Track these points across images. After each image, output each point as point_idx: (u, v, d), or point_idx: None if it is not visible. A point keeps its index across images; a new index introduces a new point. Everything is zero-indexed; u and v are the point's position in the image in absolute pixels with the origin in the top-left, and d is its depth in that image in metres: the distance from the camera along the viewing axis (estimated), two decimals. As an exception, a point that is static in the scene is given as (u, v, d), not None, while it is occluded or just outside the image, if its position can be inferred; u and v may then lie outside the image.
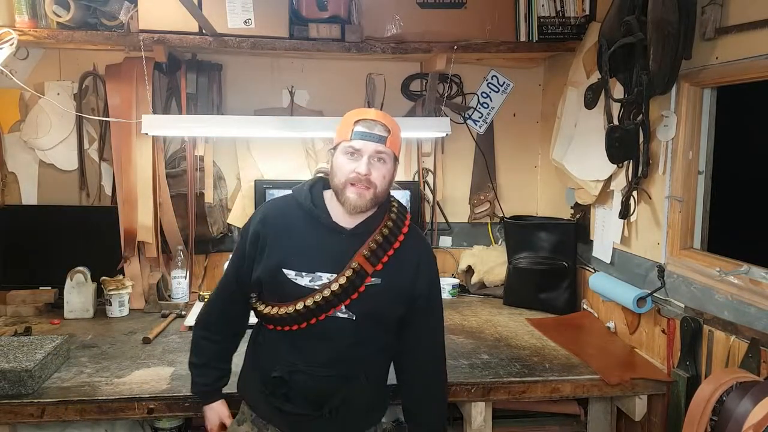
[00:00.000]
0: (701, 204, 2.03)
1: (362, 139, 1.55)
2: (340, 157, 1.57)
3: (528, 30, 2.64)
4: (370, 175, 1.54)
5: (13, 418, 1.78)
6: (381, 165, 1.57)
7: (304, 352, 1.59)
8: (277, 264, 1.58)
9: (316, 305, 1.54)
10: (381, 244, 1.58)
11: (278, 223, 1.62)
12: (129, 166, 2.66)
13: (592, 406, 2.29)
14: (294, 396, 1.59)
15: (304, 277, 1.57)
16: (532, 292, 2.77)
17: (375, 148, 1.55)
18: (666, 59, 1.90)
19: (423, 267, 1.66)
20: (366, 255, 1.56)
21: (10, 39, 2.23)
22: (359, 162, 1.54)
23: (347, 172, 1.54)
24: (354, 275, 1.55)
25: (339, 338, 1.59)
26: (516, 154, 3.16)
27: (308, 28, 2.52)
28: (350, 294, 1.56)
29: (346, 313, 1.57)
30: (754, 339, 1.68)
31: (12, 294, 2.63)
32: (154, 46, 2.45)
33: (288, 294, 1.57)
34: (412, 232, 1.66)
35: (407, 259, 1.63)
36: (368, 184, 1.54)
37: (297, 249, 1.59)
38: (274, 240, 1.60)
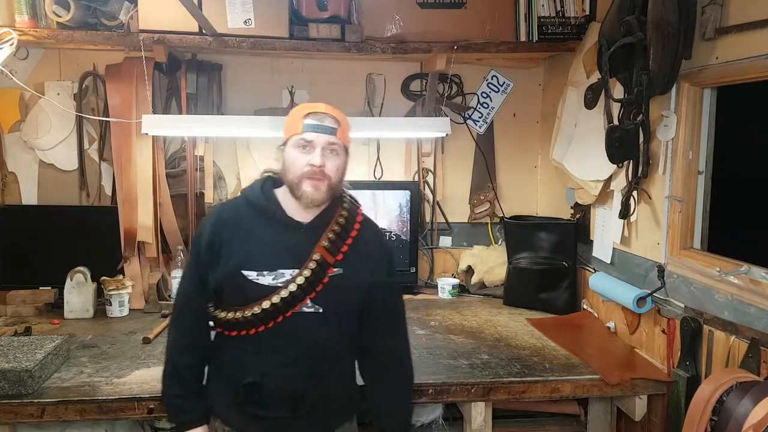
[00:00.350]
0: (701, 204, 2.03)
1: (314, 131, 1.54)
2: (292, 151, 1.57)
3: (528, 30, 2.64)
4: (325, 167, 1.54)
5: (13, 418, 1.78)
6: (334, 157, 1.57)
7: (274, 354, 1.57)
8: (236, 266, 1.55)
9: (282, 302, 1.53)
10: (339, 234, 1.59)
11: (232, 226, 1.60)
12: (129, 166, 2.66)
13: (592, 406, 2.29)
14: (269, 400, 1.56)
15: (266, 275, 1.55)
16: (532, 292, 2.77)
17: (327, 140, 1.55)
18: (666, 59, 1.90)
19: (380, 255, 1.68)
20: (326, 246, 1.57)
21: (10, 39, 2.23)
22: (312, 154, 1.54)
23: (302, 165, 1.54)
24: (317, 267, 1.55)
25: (308, 334, 1.57)
26: (516, 154, 3.16)
27: (308, 28, 2.52)
28: (315, 286, 1.55)
29: (312, 307, 1.56)
30: (754, 339, 1.68)
31: (12, 294, 2.63)
32: (154, 46, 2.45)
33: (251, 295, 1.54)
34: (366, 222, 1.68)
35: (364, 247, 1.64)
36: (323, 176, 1.54)
37: (255, 249, 1.57)
38: (229, 243, 1.57)
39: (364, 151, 3.06)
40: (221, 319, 1.60)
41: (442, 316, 2.63)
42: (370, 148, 3.07)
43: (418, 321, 2.56)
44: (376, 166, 3.07)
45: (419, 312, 2.69)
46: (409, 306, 2.76)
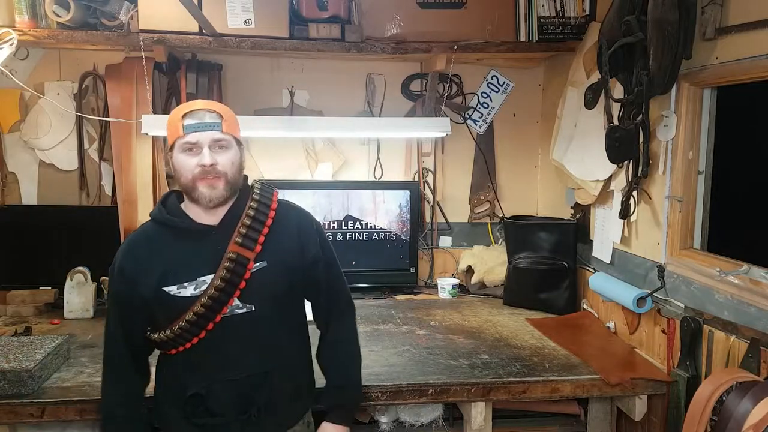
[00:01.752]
0: (701, 204, 2.03)
1: (196, 130, 1.50)
2: (179, 156, 1.52)
3: (528, 30, 2.63)
4: (217, 164, 1.50)
5: (13, 418, 1.78)
6: (224, 152, 1.52)
7: (215, 362, 1.54)
8: (156, 285, 1.51)
9: (204, 308, 1.49)
10: (251, 227, 1.53)
11: (142, 249, 1.56)
12: (129, 166, 2.66)
13: (592, 406, 2.29)
14: (216, 408, 1.53)
15: (188, 287, 1.51)
16: (532, 292, 2.77)
17: (212, 137, 1.50)
18: (666, 59, 1.90)
19: (306, 232, 1.63)
20: (239, 242, 1.51)
21: (10, 39, 2.23)
22: (200, 155, 1.49)
23: (191, 168, 1.49)
24: (232, 264, 1.50)
25: (246, 335, 1.54)
26: (516, 154, 3.16)
27: (308, 28, 2.52)
28: (236, 284, 1.50)
29: (243, 307, 1.53)
30: (754, 339, 1.68)
31: (12, 294, 2.63)
32: (154, 46, 2.45)
33: (176, 310, 1.51)
34: (282, 207, 1.62)
35: (285, 232, 1.59)
36: (217, 174, 1.50)
37: (171, 263, 1.52)
38: (143, 267, 1.53)
39: (364, 151, 3.07)
40: (156, 341, 1.56)
41: (442, 316, 2.63)
42: (370, 148, 3.07)
43: (418, 321, 2.56)
44: (376, 166, 3.07)
45: (419, 312, 2.69)
46: (409, 306, 2.79)
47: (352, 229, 2.95)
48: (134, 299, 1.53)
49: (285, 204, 1.66)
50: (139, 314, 1.56)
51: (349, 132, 2.86)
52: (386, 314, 2.65)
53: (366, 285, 2.96)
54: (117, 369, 1.60)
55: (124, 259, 1.56)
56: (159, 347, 1.60)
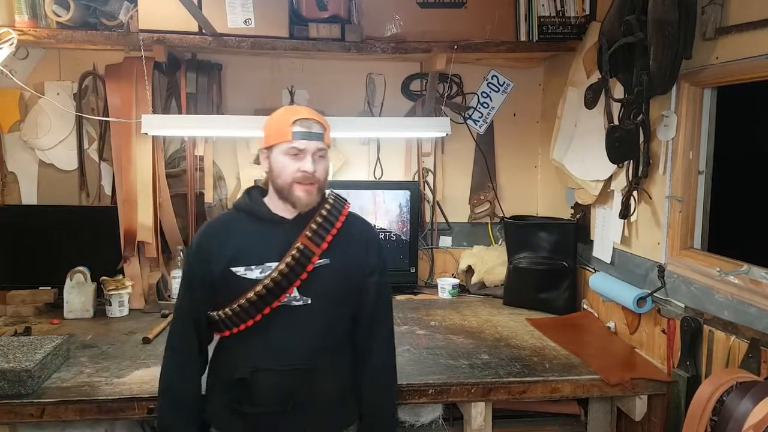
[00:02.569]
0: (701, 204, 2.03)
1: (303, 138, 1.58)
2: (281, 158, 1.59)
3: (528, 30, 2.63)
4: (316, 172, 1.60)
5: (13, 418, 1.78)
6: (322, 161, 1.62)
7: (265, 348, 1.59)
8: (225, 265, 1.60)
9: (265, 289, 1.56)
10: (321, 224, 1.63)
11: (220, 231, 1.66)
12: (129, 166, 2.66)
13: (592, 406, 2.29)
14: (258, 396, 1.57)
15: (254, 270, 1.59)
16: (532, 292, 2.77)
17: (317, 146, 1.60)
18: (666, 59, 1.90)
19: (371, 244, 1.72)
20: (308, 235, 1.60)
21: (10, 39, 2.24)
22: (303, 161, 1.58)
23: (292, 171, 1.58)
24: (299, 254, 1.58)
25: (298, 327, 1.59)
26: (516, 154, 3.16)
27: (308, 28, 2.52)
28: (299, 274, 1.58)
29: (300, 299, 1.59)
30: (754, 339, 1.68)
31: (12, 294, 2.63)
32: (153, 45, 2.45)
33: (239, 290, 1.58)
34: (353, 215, 1.72)
35: (354, 237, 1.69)
36: (314, 181, 1.60)
37: (242, 246, 1.62)
38: (218, 247, 1.62)
39: (364, 151, 3.06)
40: (214, 319, 1.62)
41: (442, 316, 2.63)
42: (370, 148, 3.07)
43: (418, 321, 2.56)
44: (376, 166, 3.07)
45: (419, 312, 2.69)
46: (409, 306, 2.79)
47: (352, 229, 2.94)
48: (205, 276, 1.62)
49: (355, 215, 1.75)
50: (207, 292, 1.64)
51: (349, 132, 2.86)
52: (386, 314, 2.65)
53: (366, 285, 2.96)
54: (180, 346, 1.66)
55: (201, 239, 1.67)
56: (216, 327, 1.66)
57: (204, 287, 1.64)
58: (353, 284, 1.67)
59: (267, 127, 1.65)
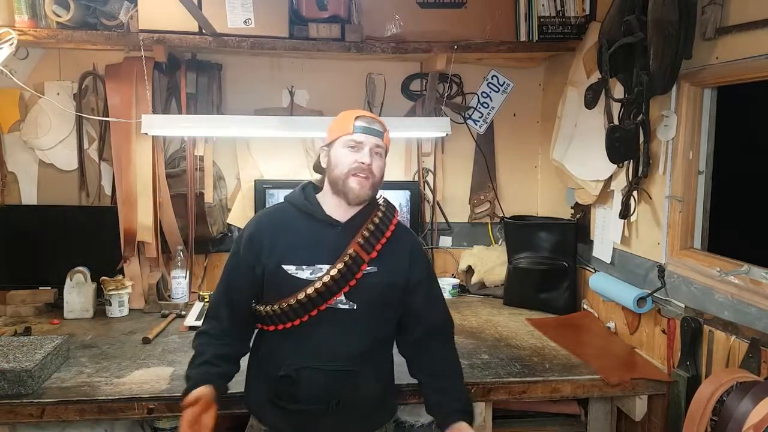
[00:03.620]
0: (701, 204, 2.03)
1: (364, 132, 1.62)
2: (340, 149, 1.63)
3: (528, 30, 2.63)
4: (372, 165, 1.62)
5: (13, 418, 1.78)
6: (379, 158, 1.65)
7: (310, 347, 1.60)
8: (277, 262, 1.61)
9: (316, 293, 1.57)
10: (373, 233, 1.64)
11: (273, 225, 1.67)
12: (129, 166, 2.66)
13: (593, 406, 2.29)
14: (302, 394, 1.59)
15: (305, 270, 1.60)
16: (532, 292, 2.77)
17: (375, 142, 1.63)
18: (666, 59, 1.90)
19: (416, 255, 1.73)
20: (360, 243, 1.61)
21: (10, 39, 2.23)
22: (361, 153, 1.61)
23: (350, 162, 1.60)
24: (351, 261, 1.59)
25: (342, 330, 1.61)
26: (516, 154, 3.16)
27: (308, 28, 2.52)
28: (348, 280, 1.59)
29: (346, 303, 1.60)
30: (755, 339, 1.68)
31: (12, 294, 2.63)
32: (153, 45, 2.45)
33: (289, 289, 1.59)
34: (401, 225, 1.74)
35: (400, 248, 1.69)
36: (369, 174, 1.61)
37: (295, 245, 1.63)
38: (270, 241, 1.63)
39: (364, 151, 3.06)
40: (260, 313, 1.64)
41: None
42: (370, 148, 3.06)
43: (418, 321, 2.56)
44: (376, 166, 3.07)
45: (419, 312, 2.69)
46: (409, 306, 2.78)
47: (352, 229, 2.94)
48: (256, 267, 1.63)
49: (402, 225, 1.77)
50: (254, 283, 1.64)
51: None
52: (386, 314, 2.65)
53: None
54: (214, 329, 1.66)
55: (255, 229, 1.67)
56: (260, 321, 1.66)
57: (252, 278, 1.64)
58: (396, 294, 1.68)
59: (331, 126, 1.69)
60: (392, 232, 1.68)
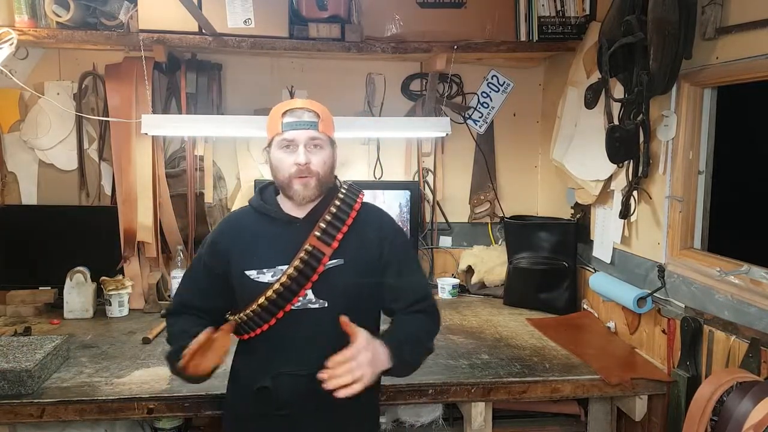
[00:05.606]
0: (701, 204, 2.03)
1: (293, 128, 1.54)
2: (276, 152, 1.57)
3: (528, 30, 2.64)
4: (311, 163, 1.55)
5: (13, 418, 1.78)
6: (318, 151, 1.57)
7: (284, 353, 1.56)
8: (240, 268, 1.58)
9: (275, 294, 1.52)
10: (331, 223, 1.57)
11: (236, 230, 1.64)
12: (129, 166, 2.66)
13: (592, 406, 2.29)
14: (280, 400, 1.55)
15: (266, 273, 1.56)
16: (532, 292, 2.77)
17: (308, 136, 1.55)
18: (666, 59, 1.90)
19: (386, 233, 1.64)
20: (317, 236, 1.55)
21: (10, 39, 2.23)
22: (296, 153, 1.54)
23: (288, 166, 1.55)
24: (308, 256, 1.53)
25: (317, 331, 1.55)
26: (516, 154, 3.16)
27: (308, 28, 2.52)
28: (309, 276, 1.53)
29: (317, 302, 1.55)
30: (755, 339, 1.68)
31: (12, 294, 2.63)
32: (153, 45, 2.45)
33: (253, 294, 1.55)
34: (366, 208, 1.65)
35: (368, 231, 1.61)
36: (310, 173, 1.55)
37: (255, 249, 1.59)
38: (234, 247, 1.60)
39: (364, 151, 3.06)
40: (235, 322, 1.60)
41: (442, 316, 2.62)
42: (370, 148, 3.07)
43: (418, 321, 2.56)
44: (376, 166, 3.07)
45: (419, 312, 2.69)
46: (409, 306, 2.78)
47: (352, 229, 2.94)
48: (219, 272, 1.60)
49: (370, 206, 1.68)
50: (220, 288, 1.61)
51: (349, 132, 2.86)
52: (386, 314, 2.65)
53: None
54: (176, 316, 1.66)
55: (217, 237, 1.65)
56: (235, 331, 1.62)
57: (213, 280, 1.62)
58: (372, 283, 1.60)
59: (266, 123, 1.62)
60: (354, 218, 1.59)
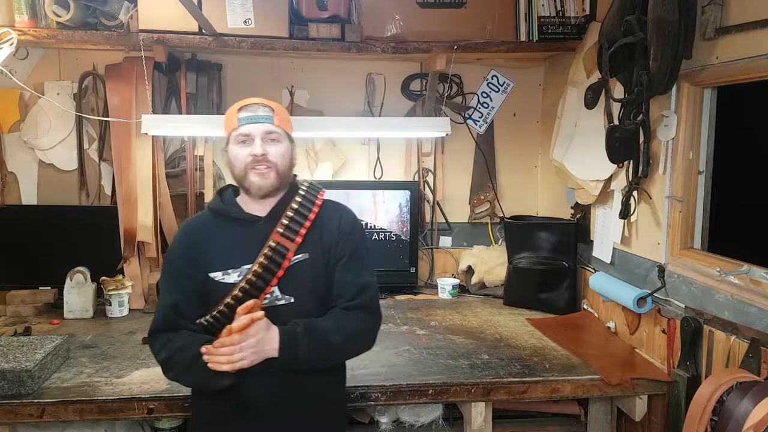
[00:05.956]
0: (701, 204, 2.03)
1: (249, 123, 1.57)
2: (233, 147, 1.59)
3: (528, 30, 2.63)
4: (268, 155, 1.56)
5: (13, 418, 1.78)
6: (275, 144, 1.59)
7: None
8: (204, 272, 1.57)
9: (242, 292, 1.52)
10: (293, 219, 1.58)
11: (197, 235, 1.63)
12: (129, 166, 2.66)
13: (593, 406, 2.29)
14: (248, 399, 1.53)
15: (231, 274, 1.56)
16: (532, 292, 2.77)
17: (264, 129, 1.57)
18: (666, 59, 1.90)
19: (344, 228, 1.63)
20: (281, 232, 1.56)
21: (10, 39, 2.24)
22: (253, 145, 1.56)
23: (244, 158, 1.56)
24: (272, 252, 1.54)
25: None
26: (516, 154, 3.16)
27: (308, 28, 2.52)
28: (274, 272, 1.54)
29: (283, 298, 1.56)
30: (755, 339, 1.68)
31: (12, 294, 2.63)
32: (153, 45, 2.45)
33: (219, 296, 1.54)
34: (328, 203, 1.67)
35: (330, 226, 1.63)
36: (268, 164, 1.56)
37: (219, 250, 1.58)
38: (198, 251, 1.59)
39: (364, 151, 3.06)
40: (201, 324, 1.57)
41: (442, 316, 2.63)
42: (370, 148, 3.07)
43: (418, 321, 2.56)
44: (376, 166, 3.07)
45: (419, 312, 2.69)
46: (409, 306, 2.79)
47: (352, 229, 2.94)
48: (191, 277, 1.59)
49: (331, 202, 1.69)
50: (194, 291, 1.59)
51: (349, 132, 2.86)
52: (386, 314, 2.63)
53: (366, 285, 2.96)
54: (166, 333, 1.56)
55: (181, 241, 1.64)
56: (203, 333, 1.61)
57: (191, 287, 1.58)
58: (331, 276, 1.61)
59: (223, 122, 1.63)
60: (317, 213, 1.61)
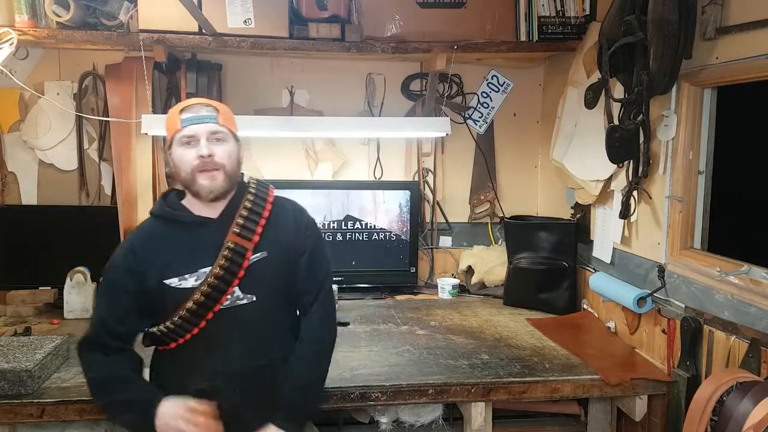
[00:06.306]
0: (701, 204, 2.03)
1: (193, 123, 1.53)
2: (177, 150, 1.55)
3: (528, 30, 2.63)
4: (214, 156, 1.53)
5: (13, 418, 1.78)
6: (221, 144, 1.55)
7: (217, 355, 1.54)
8: (157, 279, 1.53)
9: (204, 296, 1.50)
10: (248, 218, 1.57)
11: (146, 244, 1.58)
12: (129, 166, 2.66)
13: (593, 406, 2.29)
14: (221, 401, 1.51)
15: (189, 278, 1.54)
16: (532, 292, 2.77)
17: (209, 129, 1.54)
18: (666, 59, 1.90)
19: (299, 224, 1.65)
20: (237, 231, 1.55)
21: (10, 39, 2.24)
22: (198, 146, 1.52)
23: (190, 160, 1.52)
24: (231, 253, 1.53)
25: (246, 326, 1.55)
26: (516, 154, 3.16)
27: (308, 28, 2.52)
28: (235, 273, 1.52)
29: (244, 297, 1.55)
30: (755, 339, 1.68)
31: (12, 294, 2.63)
32: (153, 45, 2.45)
33: (178, 302, 1.52)
34: (278, 201, 1.66)
35: (283, 225, 1.62)
36: (216, 165, 1.53)
37: (172, 256, 1.55)
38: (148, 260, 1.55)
39: (364, 151, 3.06)
40: (154, 334, 1.56)
41: (442, 316, 2.63)
42: (370, 148, 3.07)
43: (418, 321, 2.56)
44: (376, 166, 3.07)
45: (419, 312, 2.69)
46: (409, 306, 2.79)
47: (352, 229, 2.94)
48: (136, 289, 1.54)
49: (281, 199, 1.69)
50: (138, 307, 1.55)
51: (349, 132, 2.86)
52: (386, 314, 2.65)
53: (366, 285, 2.96)
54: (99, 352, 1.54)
55: (126, 253, 1.58)
56: (157, 342, 1.59)
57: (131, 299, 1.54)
58: (292, 272, 1.62)
59: (165, 125, 1.60)
60: (270, 210, 1.60)
